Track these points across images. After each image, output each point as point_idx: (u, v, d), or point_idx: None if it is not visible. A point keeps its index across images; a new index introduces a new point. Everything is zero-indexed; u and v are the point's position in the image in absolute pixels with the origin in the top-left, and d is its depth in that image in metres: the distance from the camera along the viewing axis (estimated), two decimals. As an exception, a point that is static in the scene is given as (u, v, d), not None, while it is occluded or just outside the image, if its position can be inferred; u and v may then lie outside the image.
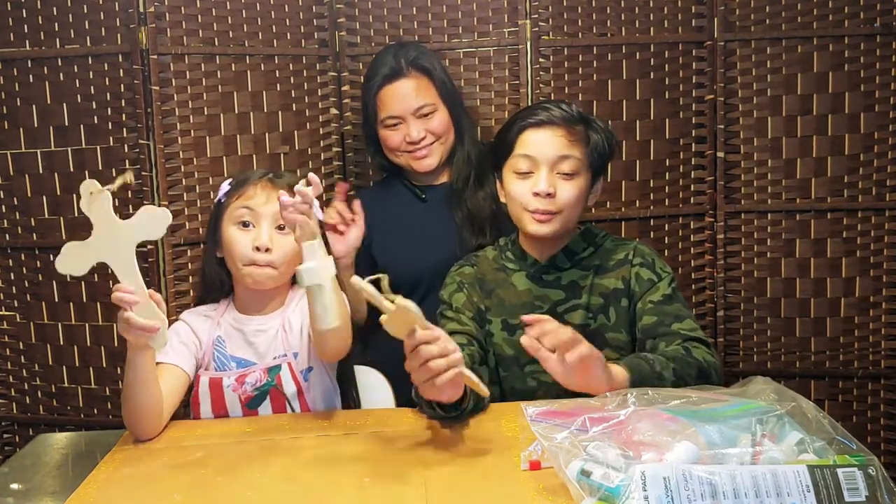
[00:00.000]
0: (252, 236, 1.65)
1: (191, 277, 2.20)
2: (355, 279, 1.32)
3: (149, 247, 2.14)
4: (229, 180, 1.76)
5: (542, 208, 1.66)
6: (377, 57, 2.16)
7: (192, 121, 2.16)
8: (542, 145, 1.67)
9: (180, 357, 1.68)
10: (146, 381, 1.53)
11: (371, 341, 2.17)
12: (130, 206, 2.17)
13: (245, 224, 1.66)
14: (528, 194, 1.67)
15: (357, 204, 1.98)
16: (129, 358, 1.50)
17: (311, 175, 1.45)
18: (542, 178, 1.66)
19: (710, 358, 1.55)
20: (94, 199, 1.42)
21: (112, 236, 1.43)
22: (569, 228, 1.72)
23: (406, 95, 2.08)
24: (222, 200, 1.73)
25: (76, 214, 2.20)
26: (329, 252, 1.54)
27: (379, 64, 2.13)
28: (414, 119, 2.08)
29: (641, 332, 1.66)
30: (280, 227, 1.65)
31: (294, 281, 1.77)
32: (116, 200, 2.14)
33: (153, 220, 1.44)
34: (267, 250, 1.64)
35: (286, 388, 1.68)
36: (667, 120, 2.35)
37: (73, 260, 1.44)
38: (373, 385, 1.94)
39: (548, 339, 1.35)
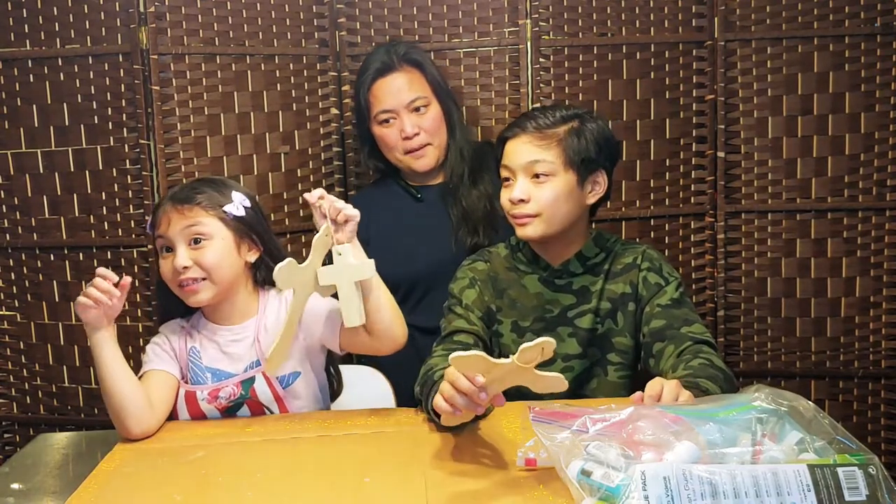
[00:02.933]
0: (171, 261, 1.64)
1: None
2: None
3: (149, 246, 2.14)
4: None
5: (518, 212, 1.70)
6: (367, 56, 2.17)
7: (192, 121, 2.16)
8: (514, 154, 1.71)
9: (165, 363, 1.67)
10: (115, 371, 1.55)
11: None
12: (130, 206, 2.17)
13: (169, 250, 1.65)
14: (508, 202, 1.72)
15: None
16: (91, 347, 1.55)
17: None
18: (516, 185, 1.70)
19: (724, 364, 1.54)
20: (327, 241, 1.52)
21: (319, 279, 1.52)
22: (564, 229, 1.71)
23: (399, 89, 2.08)
24: (151, 233, 1.73)
25: (76, 214, 2.20)
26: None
27: (370, 61, 2.14)
28: (407, 113, 2.08)
29: (649, 336, 1.66)
30: (195, 241, 1.63)
31: (272, 284, 1.75)
32: (117, 200, 2.20)
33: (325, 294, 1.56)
34: (185, 268, 1.61)
35: (262, 399, 1.67)
36: (667, 120, 2.35)
37: (291, 277, 1.51)
38: (373, 385, 1.93)
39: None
